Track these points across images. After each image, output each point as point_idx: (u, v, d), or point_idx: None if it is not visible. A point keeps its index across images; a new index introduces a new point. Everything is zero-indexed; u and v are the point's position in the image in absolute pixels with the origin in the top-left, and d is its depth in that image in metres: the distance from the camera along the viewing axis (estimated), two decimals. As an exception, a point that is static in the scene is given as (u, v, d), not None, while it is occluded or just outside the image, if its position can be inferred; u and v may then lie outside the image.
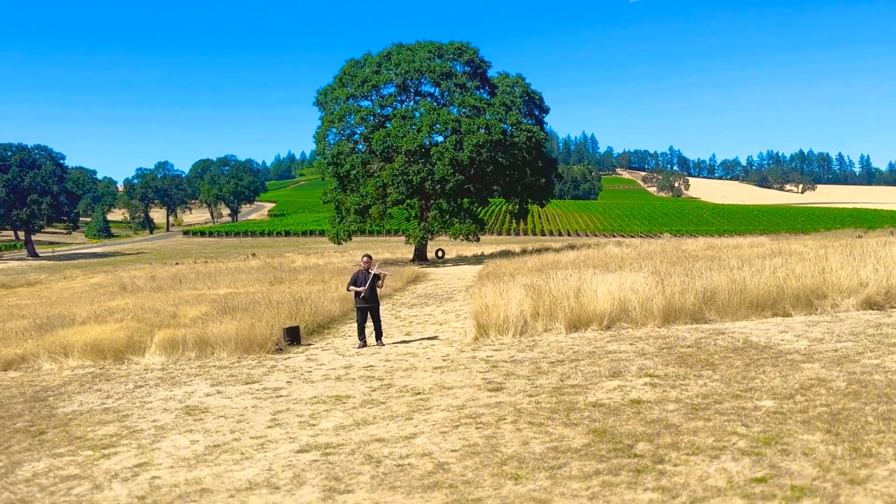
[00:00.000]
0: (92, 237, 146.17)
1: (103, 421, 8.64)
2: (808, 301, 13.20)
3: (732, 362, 8.91)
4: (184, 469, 6.37)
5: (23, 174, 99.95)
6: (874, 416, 6.09)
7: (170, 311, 18.13)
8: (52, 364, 13.32)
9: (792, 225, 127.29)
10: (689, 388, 7.65)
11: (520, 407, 7.46)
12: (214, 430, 7.66)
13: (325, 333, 15.39)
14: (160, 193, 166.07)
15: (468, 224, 44.37)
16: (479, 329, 12.86)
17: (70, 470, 6.74)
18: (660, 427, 6.27)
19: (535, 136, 44.89)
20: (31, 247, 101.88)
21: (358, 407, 8.22)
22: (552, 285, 14.33)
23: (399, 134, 42.39)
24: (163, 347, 13.20)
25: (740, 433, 5.89)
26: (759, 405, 6.75)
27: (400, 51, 46.92)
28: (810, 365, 8.40)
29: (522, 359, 10.30)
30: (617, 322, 12.81)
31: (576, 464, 5.50)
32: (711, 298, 13.24)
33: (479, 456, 5.93)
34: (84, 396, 10.26)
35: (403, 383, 9.38)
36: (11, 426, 8.85)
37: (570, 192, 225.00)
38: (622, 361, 9.46)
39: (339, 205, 46.59)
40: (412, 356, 11.59)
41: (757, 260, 18.21)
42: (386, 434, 6.91)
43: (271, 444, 6.95)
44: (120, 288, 33.14)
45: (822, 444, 5.44)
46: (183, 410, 8.78)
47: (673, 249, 34.59)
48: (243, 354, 12.79)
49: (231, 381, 10.52)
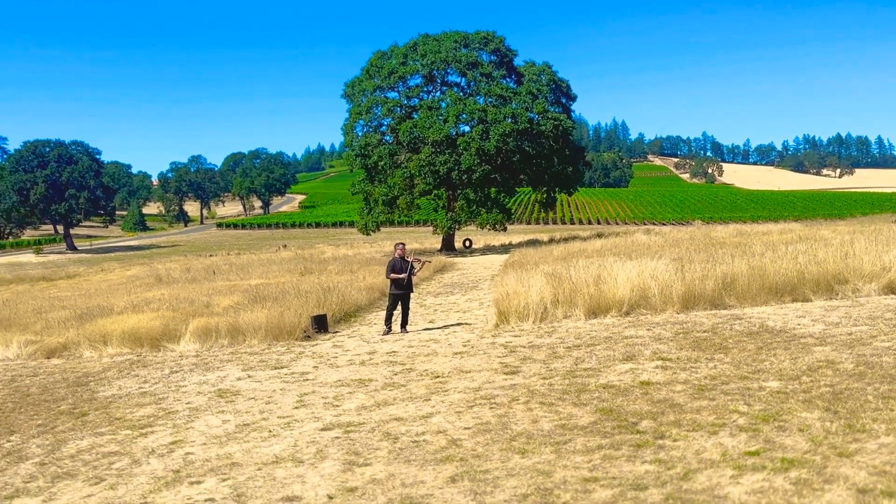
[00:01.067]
0: (128, 230, 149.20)
1: (141, 403, 9.14)
2: (829, 286, 13.24)
3: (745, 346, 9.10)
4: (215, 446, 6.81)
5: (61, 169, 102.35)
6: (875, 395, 6.28)
7: (203, 300, 18.73)
8: (92, 352, 13.94)
9: (828, 210, 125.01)
10: (698, 371, 7.88)
11: (533, 389, 7.77)
12: (244, 411, 8.10)
13: (351, 321, 15.82)
14: (194, 187, 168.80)
15: (495, 214, 44.55)
16: (500, 316, 13.16)
17: (111, 447, 7.23)
18: (665, 406, 6.54)
19: (562, 125, 44.84)
20: (69, 240, 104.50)
21: (379, 389, 8.61)
22: (572, 273, 14.56)
23: (426, 125, 42.67)
24: (197, 335, 13.74)
25: (741, 411, 6.14)
26: (764, 385, 6.97)
27: (426, 41, 47.10)
28: (822, 348, 8.57)
29: (540, 344, 10.59)
30: (636, 308, 13.01)
31: (581, 440, 5.80)
32: (731, 284, 13.36)
33: (491, 433, 6.27)
34: (123, 381, 10.80)
35: (424, 367, 9.74)
36: (56, 409, 9.41)
37: (600, 180, 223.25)
38: (637, 346, 9.71)
39: (367, 196, 47.09)
40: (434, 342, 11.95)
41: (782, 246, 18.20)
42: (404, 414, 7.28)
43: (297, 423, 7.36)
44: (156, 279, 34.02)
45: (818, 421, 5.67)
46: (215, 393, 9.25)
47: (702, 237, 34.38)
48: (273, 341, 13.26)
49: (261, 366, 10.99)
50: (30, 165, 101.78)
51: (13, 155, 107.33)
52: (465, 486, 5.04)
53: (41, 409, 9.44)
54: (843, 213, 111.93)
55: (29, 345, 14.68)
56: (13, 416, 9.24)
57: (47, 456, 7.15)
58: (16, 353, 14.46)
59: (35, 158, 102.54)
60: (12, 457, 7.26)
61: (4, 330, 16.25)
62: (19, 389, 10.98)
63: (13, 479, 6.46)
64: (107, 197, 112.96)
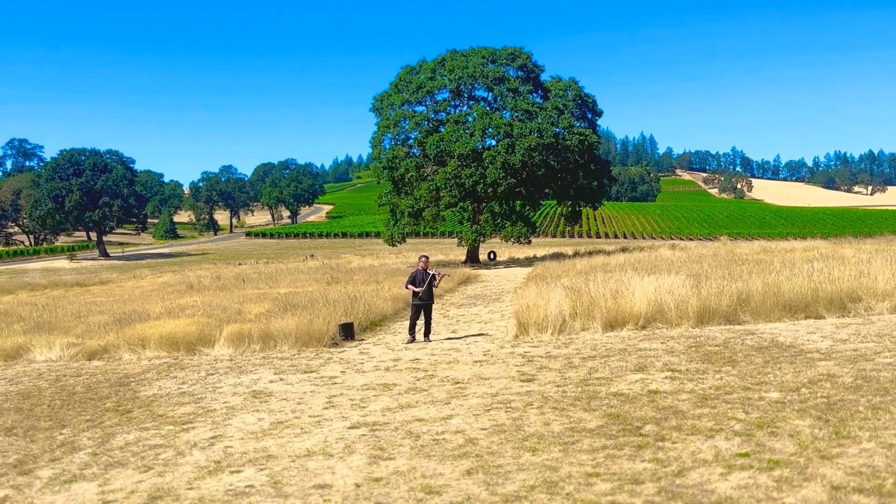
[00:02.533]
0: (159, 238, 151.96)
1: (181, 402, 9.80)
2: (842, 304, 13.55)
3: (753, 359, 9.51)
4: (252, 440, 7.41)
5: (96, 178, 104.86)
6: (866, 406, 6.70)
7: (235, 308, 19.47)
8: (131, 354, 14.68)
9: (858, 228, 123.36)
10: (705, 382, 8.33)
11: (547, 395, 8.28)
12: (278, 410, 8.71)
13: (377, 330, 16.42)
14: (224, 196, 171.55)
15: (520, 227, 45.03)
16: (520, 327, 13.67)
17: (156, 440, 7.86)
18: (669, 413, 7.01)
19: (588, 140, 45.28)
20: (102, 247, 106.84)
21: (403, 393, 9.17)
22: (591, 287, 15.03)
23: (452, 138, 43.36)
24: (230, 340, 14.43)
25: (739, 418, 6.59)
26: (765, 396, 7.41)
27: (454, 57, 47.90)
28: (825, 363, 8.96)
29: (557, 354, 11.08)
30: (652, 322, 13.43)
31: (587, 441, 6.31)
32: (746, 301, 13.74)
33: (505, 433, 6.79)
34: (162, 382, 11.49)
35: (445, 374, 10.29)
36: (102, 406, 10.10)
37: (627, 194, 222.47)
38: (650, 358, 10.16)
39: (393, 208, 47.86)
40: (456, 351, 12.49)
41: (802, 264, 18.47)
42: (426, 415, 7.84)
43: (326, 421, 7.95)
44: (187, 287, 34.99)
45: (808, 428, 6.11)
46: (250, 394, 9.88)
47: (725, 253, 34.54)
48: (302, 348, 13.90)
49: (292, 370, 11.61)
50: (65, 173, 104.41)
51: (50, 163, 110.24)
52: (479, 479, 5.57)
53: (88, 406, 10.12)
54: (873, 231, 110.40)
55: (71, 347, 15.45)
56: (62, 411, 9.94)
57: (98, 447, 7.80)
58: (58, 354, 15.23)
59: (71, 167, 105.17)
60: (66, 447, 7.92)
61: (47, 333, 17.06)
62: (65, 388, 11.70)
63: (70, 467, 7.11)
64: (139, 205, 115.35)
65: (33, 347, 15.58)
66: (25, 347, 15.69)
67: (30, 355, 15.31)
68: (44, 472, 6.95)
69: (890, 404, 6.71)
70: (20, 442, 8.29)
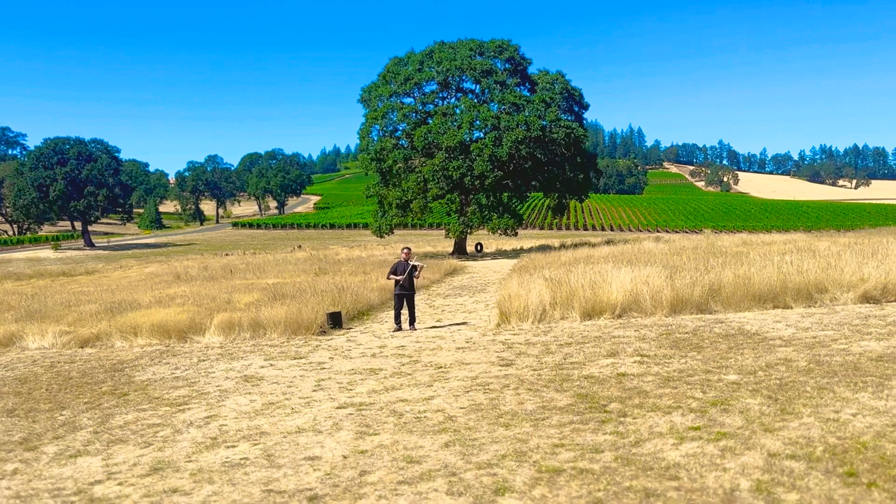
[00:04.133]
0: (144, 228, 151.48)
1: (175, 386, 10.26)
2: (809, 295, 14.18)
3: (718, 346, 10.09)
4: (246, 419, 7.90)
5: (80, 167, 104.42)
6: (813, 386, 7.27)
7: (224, 297, 19.89)
8: (123, 342, 15.09)
9: (841, 222, 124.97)
10: (670, 365, 8.90)
11: (523, 378, 8.82)
12: (269, 393, 9.20)
13: (364, 319, 16.91)
14: (210, 186, 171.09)
15: (506, 219, 45.57)
16: (502, 316, 14.21)
17: (153, 420, 8.33)
18: (633, 393, 7.56)
19: (574, 133, 45.83)
20: (87, 237, 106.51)
21: (388, 377, 9.68)
22: (571, 278, 15.58)
23: (440, 130, 43.78)
24: (221, 328, 14.87)
25: (696, 397, 7.15)
26: (723, 378, 7.97)
27: (442, 49, 48.26)
28: (784, 349, 9.54)
29: (536, 341, 11.63)
30: (628, 312, 14.01)
31: (556, 417, 6.84)
32: (718, 291, 14.34)
33: (482, 412, 7.32)
34: (156, 368, 11.94)
35: (429, 360, 10.81)
36: (98, 390, 10.53)
37: (614, 187, 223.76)
38: (622, 344, 10.72)
39: (381, 199, 48.24)
40: (440, 339, 13.01)
41: (776, 256, 19.10)
42: (409, 396, 8.35)
43: (316, 402, 8.45)
44: (174, 277, 35.26)
45: (758, 406, 6.67)
46: (242, 378, 10.36)
47: (707, 246, 35.22)
48: (291, 335, 14.37)
49: (281, 356, 12.09)
50: (50, 162, 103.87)
51: (34, 152, 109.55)
52: (456, 450, 6.10)
53: (85, 390, 10.56)
54: (856, 224, 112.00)
55: (63, 335, 15.82)
56: (60, 395, 10.37)
57: (98, 426, 8.26)
58: (51, 342, 15.60)
59: (55, 156, 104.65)
60: (68, 426, 8.37)
61: (38, 321, 17.41)
62: (61, 374, 12.12)
63: (73, 444, 7.57)
64: (124, 195, 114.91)
65: (26, 335, 15.92)
66: (18, 335, 16.04)
67: (22, 343, 15.67)
68: (49, 448, 7.40)
69: (835, 385, 7.29)
70: (23, 422, 8.73)
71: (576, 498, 4.78)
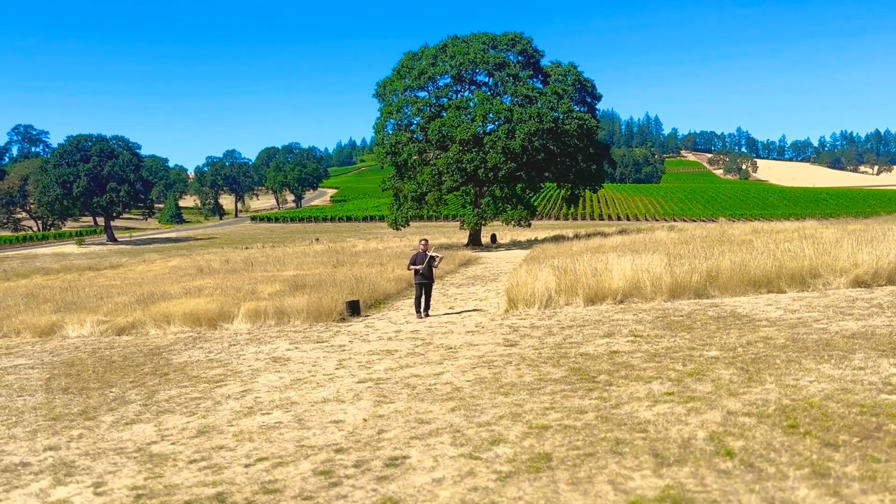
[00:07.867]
0: (165, 223, 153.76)
1: (210, 366, 11.29)
2: (803, 280, 14.94)
3: (708, 327, 10.93)
4: (277, 392, 8.90)
5: (102, 163, 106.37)
6: (784, 360, 8.12)
7: (248, 288, 20.96)
8: (157, 330, 16.17)
9: (860, 209, 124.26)
10: (659, 344, 9.77)
11: (525, 356, 9.74)
12: (296, 371, 10.20)
13: (380, 307, 17.90)
14: (229, 180, 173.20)
15: (520, 210, 46.36)
16: (510, 302, 15.12)
17: (195, 395, 9.35)
18: (621, 366, 8.45)
19: (587, 124, 46.47)
20: (110, 232, 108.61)
21: (403, 357, 10.65)
22: (576, 266, 16.44)
23: (454, 124, 44.60)
24: (248, 316, 15.92)
25: (676, 370, 8.03)
26: (705, 354, 8.84)
27: (455, 43, 49.00)
28: (768, 328, 10.37)
29: (540, 325, 12.53)
30: (629, 297, 14.86)
31: (550, 387, 7.76)
32: (715, 277, 15.14)
33: (485, 383, 8.25)
34: (191, 352, 12.98)
35: (440, 342, 11.76)
36: (141, 371, 11.59)
37: (631, 176, 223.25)
38: (619, 326, 11.59)
39: (397, 192, 49.19)
40: (451, 324, 13.96)
41: (780, 244, 19.81)
42: (422, 372, 9.31)
43: (338, 378, 9.43)
44: (197, 270, 36.47)
45: (729, 376, 7.54)
46: (270, 360, 11.37)
47: (718, 234, 35.87)
48: (313, 322, 15.38)
49: (305, 340, 13.10)
50: (73, 159, 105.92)
51: (57, 149, 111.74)
52: (460, 413, 7.04)
53: (128, 371, 11.62)
54: (875, 211, 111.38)
55: (101, 324, 16.95)
56: (107, 375, 11.43)
57: (146, 401, 9.29)
58: (90, 330, 16.73)
59: (78, 153, 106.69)
60: (119, 401, 9.41)
61: (76, 312, 18.56)
62: (103, 358, 13.20)
63: (126, 414, 8.60)
64: (145, 190, 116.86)
65: (66, 324, 17.08)
66: (58, 325, 17.21)
67: (63, 332, 16.83)
68: (106, 418, 8.43)
69: (804, 359, 8.13)
70: (78, 398, 9.78)
71: (558, 446, 5.70)
